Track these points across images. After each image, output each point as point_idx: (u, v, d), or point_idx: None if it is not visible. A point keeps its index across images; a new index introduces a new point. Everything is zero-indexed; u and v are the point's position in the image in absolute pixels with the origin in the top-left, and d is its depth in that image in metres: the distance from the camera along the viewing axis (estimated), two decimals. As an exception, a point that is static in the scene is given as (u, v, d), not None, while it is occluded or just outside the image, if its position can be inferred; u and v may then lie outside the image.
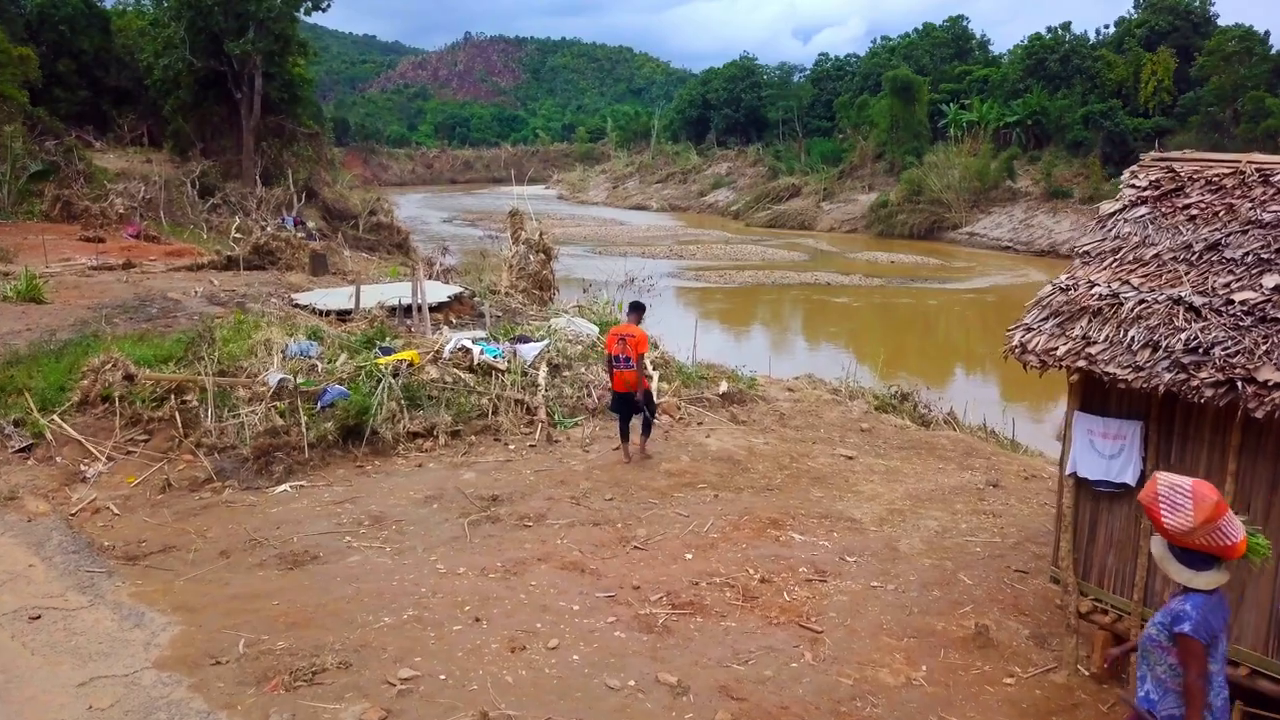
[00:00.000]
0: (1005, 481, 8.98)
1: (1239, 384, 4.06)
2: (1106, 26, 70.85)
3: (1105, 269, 5.04)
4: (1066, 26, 58.72)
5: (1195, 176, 5.38)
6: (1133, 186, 5.47)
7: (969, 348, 29.13)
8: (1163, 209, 5.27)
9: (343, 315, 13.14)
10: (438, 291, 14.72)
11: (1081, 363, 4.67)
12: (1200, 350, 4.28)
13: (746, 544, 6.73)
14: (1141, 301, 4.71)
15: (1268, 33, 46.71)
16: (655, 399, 9.54)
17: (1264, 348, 4.14)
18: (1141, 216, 5.29)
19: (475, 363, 9.86)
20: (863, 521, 7.43)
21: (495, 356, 10.10)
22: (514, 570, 6.01)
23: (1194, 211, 5.14)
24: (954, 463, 9.66)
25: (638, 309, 8.89)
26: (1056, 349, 4.80)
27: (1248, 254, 4.68)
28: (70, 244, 22.47)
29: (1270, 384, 3.99)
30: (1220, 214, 5.03)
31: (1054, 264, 43.90)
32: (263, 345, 9.19)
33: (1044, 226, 48.74)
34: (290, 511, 6.94)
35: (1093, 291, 4.91)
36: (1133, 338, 4.56)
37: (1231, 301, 4.46)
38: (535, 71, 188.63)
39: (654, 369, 11.17)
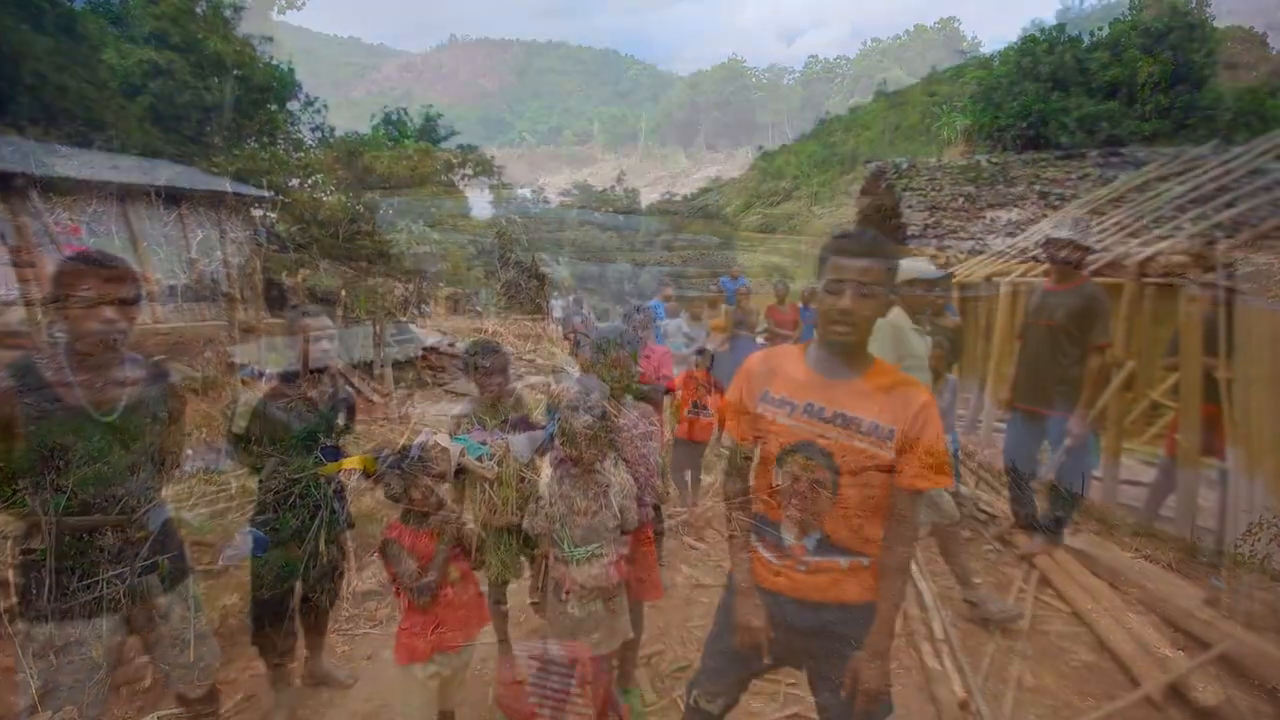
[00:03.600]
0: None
1: None
2: (1101, 28, 69.12)
3: None
4: (1061, 28, 57.09)
5: None
6: None
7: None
8: None
9: (288, 378, 10.45)
10: (411, 339, 12.07)
11: None
12: None
13: None
14: None
15: (1266, 34, 45.15)
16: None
17: None
18: None
19: (453, 468, 7.18)
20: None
21: (482, 457, 7.42)
22: None
23: None
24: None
25: (707, 355, 7.58)
26: None
27: None
28: (-7, 270, 19.69)
29: None
30: None
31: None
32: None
33: (1041, 232, 47.26)
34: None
35: None
36: None
37: None
38: (521, 74, 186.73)
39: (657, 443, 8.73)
